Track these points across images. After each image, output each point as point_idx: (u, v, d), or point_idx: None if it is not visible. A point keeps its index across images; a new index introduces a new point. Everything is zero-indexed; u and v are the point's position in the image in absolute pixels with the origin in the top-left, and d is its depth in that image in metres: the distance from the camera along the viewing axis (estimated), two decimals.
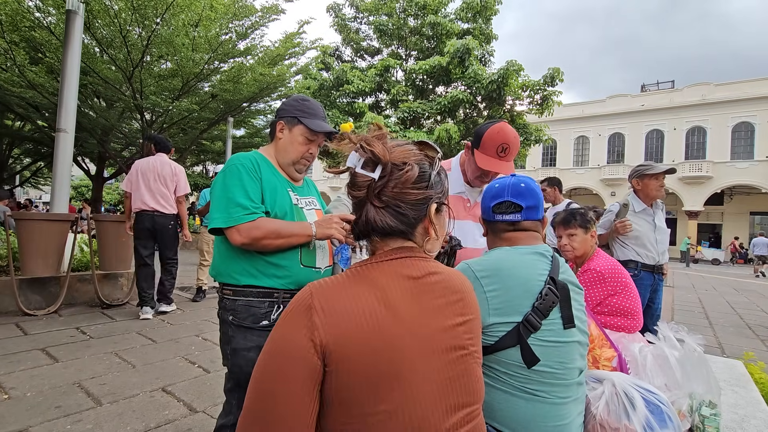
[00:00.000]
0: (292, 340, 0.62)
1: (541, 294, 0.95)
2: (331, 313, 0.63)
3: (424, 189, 0.72)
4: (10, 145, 12.94)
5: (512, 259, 1.02)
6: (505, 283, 0.95)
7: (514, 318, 0.93)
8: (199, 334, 3.55)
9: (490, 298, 0.94)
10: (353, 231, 0.77)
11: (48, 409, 2.09)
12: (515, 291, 0.95)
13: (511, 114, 15.04)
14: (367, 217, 0.72)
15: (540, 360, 0.91)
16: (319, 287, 0.67)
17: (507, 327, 0.92)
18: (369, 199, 0.72)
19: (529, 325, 0.92)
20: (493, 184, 1.16)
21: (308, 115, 1.37)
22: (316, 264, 1.35)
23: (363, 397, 0.61)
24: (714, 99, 23.51)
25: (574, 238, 1.96)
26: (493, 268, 0.99)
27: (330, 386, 0.62)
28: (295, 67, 11.07)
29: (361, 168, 0.73)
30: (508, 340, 0.92)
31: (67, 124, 4.53)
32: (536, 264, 1.01)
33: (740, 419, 1.57)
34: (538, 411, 0.90)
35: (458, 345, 0.68)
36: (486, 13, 15.89)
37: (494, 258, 1.03)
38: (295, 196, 1.38)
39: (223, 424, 1.29)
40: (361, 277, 0.69)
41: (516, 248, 1.06)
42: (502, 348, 0.92)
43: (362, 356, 0.61)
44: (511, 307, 0.94)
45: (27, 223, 4.05)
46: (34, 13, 7.34)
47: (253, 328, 1.26)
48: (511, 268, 0.99)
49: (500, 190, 1.12)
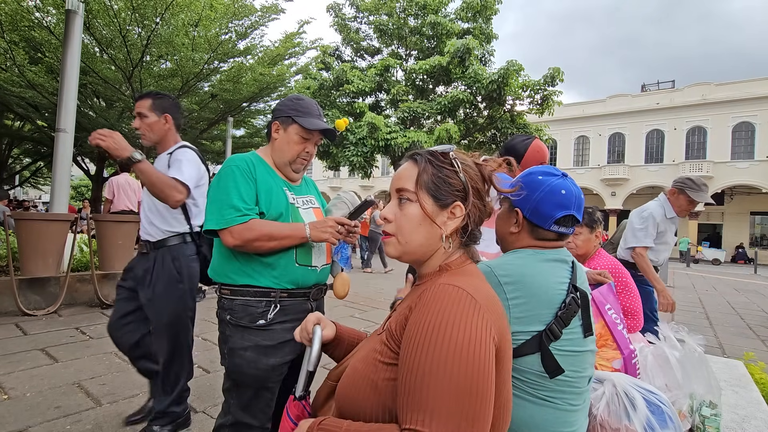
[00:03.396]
0: (482, 341, 0.64)
1: (564, 303, 0.92)
2: (491, 310, 0.69)
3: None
4: (10, 145, 12.94)
5: (536, 266, 0.97)
6: (528, 291, 0.92)
7: (535, 327, 0.90)
8: (199, 335, 3.55)
9: (512, 306, 0.91)
10: (473, 236, 0.82)
11: (48, 410, 2.09)
12: (538, 300, 0.92)
13: (511, 114, 15.04)
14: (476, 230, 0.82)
15: (564, 371, 0.89)
16: (469, 286, 0.70)
17: (527, 336, 0.90)
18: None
19: (552, 335, 0.90)
20: (558, 189, 0.99)
21: (302, 113, 1.37)
22: (312, 262, 1.35)
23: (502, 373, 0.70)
24: (714, 99, 23.49)
25: (578, 236, 1.94)
26: (518, 274, 0.94)
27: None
28: (295, 66, 11.06)
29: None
30: (528, 347, 0.90)
31: (66, 124, 4.53)
32: (559, 272, 0.98)
33: (741, 419, 1.57)
34: (548, 417, 0.90)
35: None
36: (486, 13, 15.89)
37: (518, 263, 0.98)
38: (292, 196, 1.38)
39: (222, 423, 1.29)
40: (478, 273, 0.79)
41: (539, 253, 1.00)
42: (520, 355, 0.90)
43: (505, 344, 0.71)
44: (533, 316, 0.91)
45: (27, 223, 4.05)
46: (33, 12, 7.33)
47: (250, 328, 1.25)
48: (534, 275, 0.95)
49: (567, 200, 0.99)
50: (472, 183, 0.78)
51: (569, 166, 27.74)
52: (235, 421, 1.26)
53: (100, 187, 12.67)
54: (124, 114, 10.46)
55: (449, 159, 0.79)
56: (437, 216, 0.76)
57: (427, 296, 0.68)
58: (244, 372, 1.24)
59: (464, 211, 0.77)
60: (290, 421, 0.85)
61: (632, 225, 2.80)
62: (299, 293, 1.33)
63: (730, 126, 23.29)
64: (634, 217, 2.83)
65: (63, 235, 4.24)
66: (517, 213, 1.03)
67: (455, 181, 0.77)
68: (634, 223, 2.79)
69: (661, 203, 2.80)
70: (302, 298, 1.34)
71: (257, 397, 1.27)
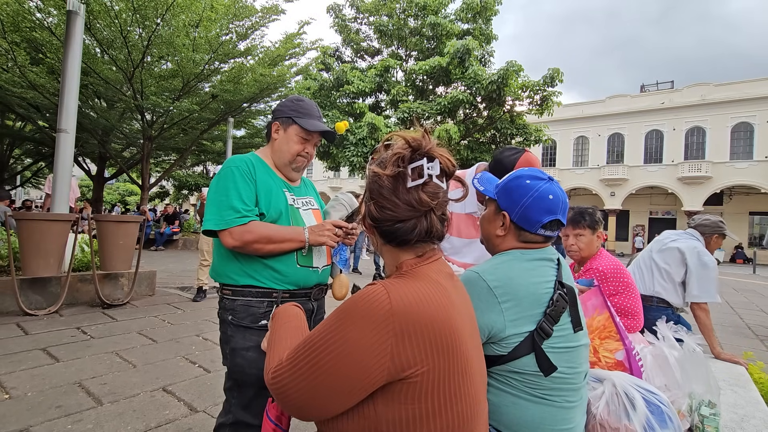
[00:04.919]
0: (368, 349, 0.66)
1: (552, 300, 0.94)
2: (406, 319, 0.68)
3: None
4: (11, 145, 12.95)
5: (522, 267, 0.99)
6: (517, 293, 0.94)
7: (527, 327, 0.92)
8: (200, 334, 3.55)
9: (505, 310, 0.92)
10: (391, 236, 0.77)
11: (49, 409, 2.09)
12: (527, 300, 0.94)
13: (510, 114, 15.05)
14: (432, 225, 0.75)
15: (557, 368, 0.90)
16: (390, 285, 0.70)
17: (520, 337, 0.91)
18: (435, 209, 0.74)
19: (543, 333, 0.91)
20: (546, 194, 1.00)
21: (302, 114, 1.37)
22: (313, 264, 1.36)
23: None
24: (713, 99, 23.50)
25: (581, 238, 1.94)
26: (506, 277, 0.96)
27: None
28: (296, 67, 11.08)
29: (436, 178, 0.74)
30: (522, 349, 0.91)
31: (67, 125, 4.54)
32: (545, 270, 1.00)
33: (740, 419, 1.58)
34: (546, 414, 0.90)
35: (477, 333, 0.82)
36: (486, 14, 15.91)
37: (505, 267, 0.99)
38: (291, 197, 1.39)
39: (223, 422, 1.29)
40: (422, 275, 0.74)
41: (525, 253, 1.02)
42: (516, 357, 0.91)
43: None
44: (525, 317, 0.92)
45: (28, 223, 4.05)
46: (35, 13, 7.34)
47: (251, 328, 1.26)
48: (521, 276, 0.97)
49: (555, 205, 1.00)
50: (369, 182, 0.80)
51: (569, 167, 27.76)
52: (235, 420, 1.26)
53: (101, 188, 12.68)
54: (124, 114, 10.48)
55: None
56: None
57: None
58: (246, 372, 1.25)
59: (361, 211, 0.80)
60: (270, 422, 0.88)
61: (699, 274, 2.45)
62: (301, 293, 1.34)
63: (729, 126, 23.30)
64: (698, 266, 2.45)
65: (64, 235, 4.24)
66: (504, 216, 1.04)
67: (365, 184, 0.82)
68: (700, 272, 2.45)
69: (702, 244, 2.57)
70: (304, 299, 1.35)
71: (259, 397, 1.27)
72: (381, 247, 0.81)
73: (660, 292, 2.53)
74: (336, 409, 0.66)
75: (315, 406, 0.66)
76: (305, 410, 0.67)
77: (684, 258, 2.50)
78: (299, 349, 0.68)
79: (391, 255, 0.79)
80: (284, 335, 0.82)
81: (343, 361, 0.63)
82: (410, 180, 0.73)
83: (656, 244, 2.70)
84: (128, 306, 4.42)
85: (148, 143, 10.51)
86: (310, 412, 0.67)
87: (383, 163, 0.76)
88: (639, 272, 2.66)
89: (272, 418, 0.88)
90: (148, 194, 11.82)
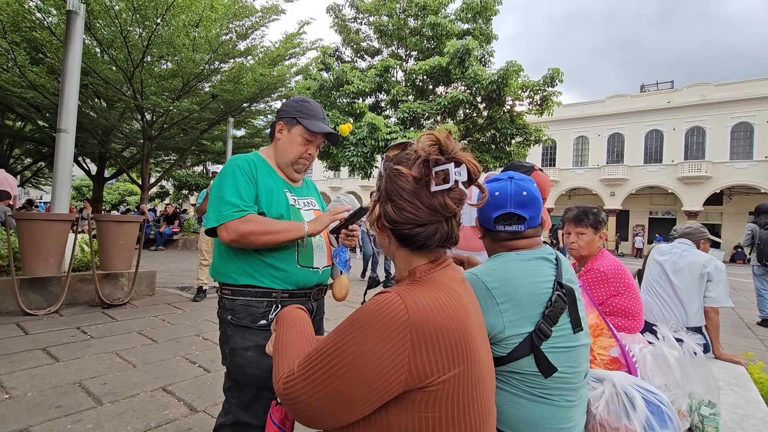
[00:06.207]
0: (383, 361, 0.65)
1: (550, 301, 0.93)
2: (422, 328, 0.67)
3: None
4: (11, 145, 12.96)
5: (519, 267, 0.99)
6: (516, 293, 0.94)
7: (526, 328, 0.92)
8: (200, 334, 3.55)
9: (503, 311, 0.92)
10: (409, 240, 0.74)
11: (49, 409, 2.09)
12: (525, 301, 0.93)
13: (510, 114, 15.06)
14: (451, 231, 0.74)
15: (557, 369, 0.90)
16: (412, 296, 0.68)
17: (519, 338, 0.91)
18: (456, 214, 0.73)
19: (541, 334, 0.91)
20: (492, 191, 1.05)
21: (307, 116, 1.38)
22: (314, 264, 1.36)
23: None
24: (713, 99, 23.50)
25: (582, 237, 1.94)
26: (503, 278, 0.96)
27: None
28: (296, 67, 11.10)
29: (462, 184, 0.71)
30: (522, 350, 0.91)
31: (67, 125, 4.54)
32: (543, 270, 0.99)
33: (739, 419, 1.58)
34: (545, 413, 0.90)
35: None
36: (486, 14, 15.92)
37: (502, 267, 0.99)
38: (293, 197, 1.39)
39: (222, 423, 1.29)
40: (436, 282, 0.73)
41: (521, 254, 1.02)
42: (516, 358, 0.91)
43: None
44: (523, 318, 0.92)
45: (28, 223, 4.05)
46: (35, 13, 7.35)
47: (251, 328, 1.26)
48: (519, 276, 0.96)
49: (501, 200, 1.03)
50: (386, 182, 0.74)
51: (569, 167, 27.76)
52: (235, 420, 1.26)
53: (101, 188, 12.68)
54: (124, 114, 10.48)
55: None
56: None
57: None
58: (246, 372, 1.25)
59: (376, 212, 0.76)
60: (274, 425, 0.88)
61: (718, 279, 2.55)
62: (301, 293, 1.34)
63: (729, 126, 23.30)
64: (717, 272, 2.55)
65: (64, 235, 4.24)
66: (477, 222, 1.14)
67: (379, 184, 0.77)
68: (720, 277, 2.55)
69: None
70: (303, 299, 1.35)
71: (258, 397, 1.27)
72: (394, 250, 0.78)
73: (702, 320, 2.57)
74: (349, 419, 0.65)
75: (328, 416, 0.65)
76: (318, 420, 0.66)
77: (704, 268, 2.58)
78: (312, 359, 0.66)
79: (404, 259, 0.77)
80: (292, 341, 0.80)
81: (360, 372, 0.62)
82: (434, 184, 0.70)
83: (670, 266, 2.66)
84: (128, 306, 4.42)
85: (148, 143, 10.51)
86: (323, 422, 0.67)
87: (407, 163, 0.72)
88: (664, 304, 2.63)
89: (276, 421, 0.88)
90: (148, 194, 11.83)
